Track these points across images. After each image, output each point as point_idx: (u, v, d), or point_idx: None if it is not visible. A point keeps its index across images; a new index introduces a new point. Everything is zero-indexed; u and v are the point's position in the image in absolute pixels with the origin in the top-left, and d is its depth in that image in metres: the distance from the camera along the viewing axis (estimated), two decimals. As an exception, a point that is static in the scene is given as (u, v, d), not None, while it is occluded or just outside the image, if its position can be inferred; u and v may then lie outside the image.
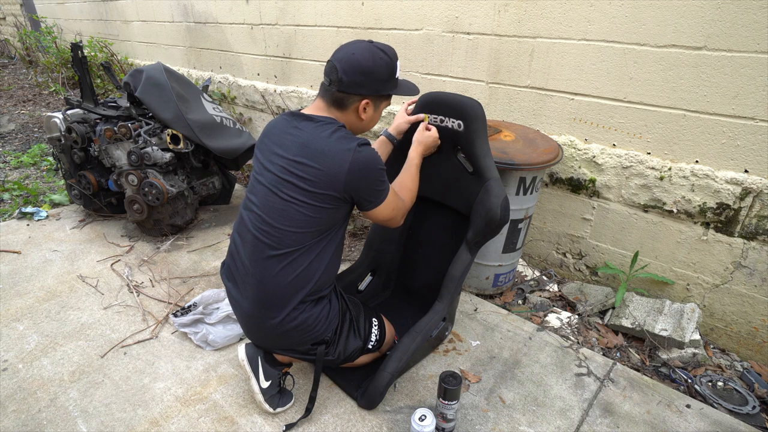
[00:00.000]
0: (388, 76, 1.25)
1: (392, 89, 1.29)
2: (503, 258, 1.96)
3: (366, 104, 1.25)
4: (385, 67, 1.23)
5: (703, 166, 1.69)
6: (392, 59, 1.25)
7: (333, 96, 1.24)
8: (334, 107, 1.25)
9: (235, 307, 1.35)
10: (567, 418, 1.45)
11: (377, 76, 1.22)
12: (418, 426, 1.24)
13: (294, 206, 1.20)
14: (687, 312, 1.78)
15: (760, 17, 1.45)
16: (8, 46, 7.92)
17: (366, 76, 1.21)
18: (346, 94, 1.22)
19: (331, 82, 1.23)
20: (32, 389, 1.52)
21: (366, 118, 1.28)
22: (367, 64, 1.20)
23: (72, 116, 2.45)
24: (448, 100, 1.54)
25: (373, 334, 1.46)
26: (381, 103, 1.30)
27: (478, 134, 1.50)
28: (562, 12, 1.85)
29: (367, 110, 1.27)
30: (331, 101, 1.25)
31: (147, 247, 2.42)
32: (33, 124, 4.55)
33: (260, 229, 1.24)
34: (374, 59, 1.21)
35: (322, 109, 1.27)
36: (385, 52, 1.23)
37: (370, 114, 1.28)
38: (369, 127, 1.34)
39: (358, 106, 1.25)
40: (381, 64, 1.22)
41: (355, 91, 1.22)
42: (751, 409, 1.50)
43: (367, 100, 1.24)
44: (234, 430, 1.38)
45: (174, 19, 4.05)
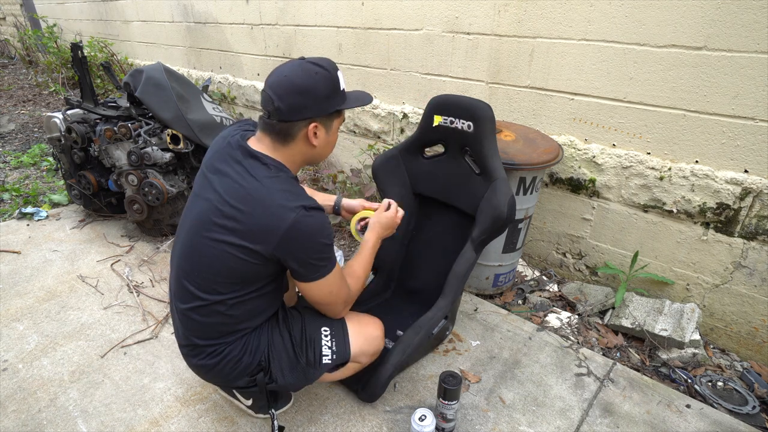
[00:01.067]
0: (331, 90, 1.09)
1: (340, 104, 1.12)
2: (503, 258, 1.96)
3: (315, 128, 1.09)
4: (324, 81, 1.07)
5: (703, 166, 1.69)
6: (330, 71, 1.09)
7: (275, 128, 1.08)
8: (279, 142, 1.10)
9: None
10: (567, 418, 1.45)
11: (317, 93, 1.06)
12: (418, 426, 1.24)
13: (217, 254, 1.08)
14: (687, 312, 1.78)
15: (760, 17, 1.45)
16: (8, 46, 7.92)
17: (304, 96, 1.05)
18: (289, 123, 1.07)
19: (270, 114, 1.07)
20: (32, 389, 1.52)
21: (319, 144, 1.12)
22: (303, 83, 1.05)
23: (72, 116, 2.45)
24: (459, 102, 1.57)
25: (325, 347, 1.25)
26: (332, 122, 1.14)
27: (487, 135, 1.54)
28: (562, 12, 1.85)
29: (318, 134, 1.11)
30: (274, 135, 1.09)
31: (147, 247, 2.42)
32: (33, 124, 4.55)
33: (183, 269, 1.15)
34: (309, 75, 1.05)
35: (268, 147, 1.11)
36: (320, 65, 1.08)
37: (322, 138, 1.12)
38: (326, 152, 1.19)
39: (306, 133, 1.09)
40: (318, 79, 1.06)
41: (298, 116, 1.06)
42: (751, 409, 1.51)
43: (314, 123, 1.08)
44: (234, 430, 1.38)
45: (174, 19, 4.05)
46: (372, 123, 2.76)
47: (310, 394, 1.50)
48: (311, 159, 1.18)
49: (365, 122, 2.80)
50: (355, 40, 2.66)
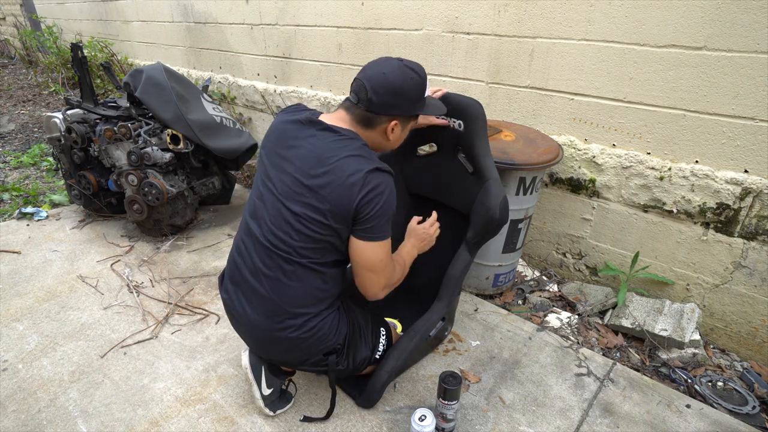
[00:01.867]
0: (418, 95, 1.20)
1: (421, 109, 1.24)
2: (503, 258, 1.96)
3: (395, 125, 1.21)
4: (416, 87, 1.18)
5: (703, 166, 1.69)
6: (423, 78, 1.20)
7: (360, 114, 1.18)
8: (360, 125, 1.20)
9: (240, 320, 1.28)
10: (567, 418, 1.45)
11: (408, 97, 1.18)
12: (418, 426, 1.24)
13: (305, 222, 1.15)
14: (687, 312, 1.78)
15: (760, 17, 1.45)
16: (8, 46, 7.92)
17: (397, 96, 1.16)
18: (374, 114, 1.17)
19: (359, 100, 1.17)
20: (32, 389, 1.52)
21: (393, 138, 1.24)
22: (399, 84, 1.15)
23: (72, 116, 2.45)
24: (449, 100, 1.54)
25: (381, 344, 1.42)
26: (409, 122, 1.26)
27: (478, 134, 1.50)
28: (562, 12, 1.85)
29: (395, 130, 1.22)
30: (358, 119, 1.19)
31: (147, 247, 2.42)
32: (33, 124, 4.55)
33: (271, 242, 1.19)
34: (405, 79, 1.15)
35: (345, 122, 1.20)
36: (415, 71, 1.18)
37: (397, 134, 1.24)
38: (394, 146, 1.31)
39: (386, 127, 1.20)
40: (412, 85, 1.17)
41: (386, 111, 1.17)
42: (751, 409, 1.50)
43: (396, 120, 1.20)
44: (234, 430, 1.38)
45: (174, 19, 4.05)
46: (372, 123, 2.76)
47: (310, 394, 1.50)
48: (380, 148, 1.27)
49: (365, 122, 2.80)
50: (355, 40, 2.66)
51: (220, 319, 1.87)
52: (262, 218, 1.21)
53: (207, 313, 1.90)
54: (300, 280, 1.19)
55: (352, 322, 1.35)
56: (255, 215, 1.24)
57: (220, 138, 2.41)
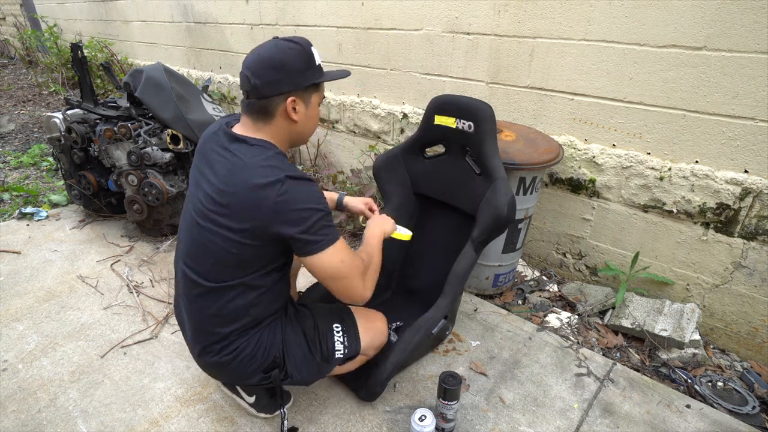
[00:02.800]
0: (306, 64, 1.10)
1: (317, 77, 1.13)
2: (503, 258, 1.96)
3: (293, 102, 1.09)
4: (298, 55, 1.09)
5: (703, 166, 1.69)
6: (304, 46, 1.10)
7: (254, 107, 1.10)
8: (260, 120, 1.11)
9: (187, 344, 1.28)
10: (567, 418, 1.45)
11: (292, 67, 1.07)
12: (418, 426, 1.24)
13: (217, 241, 1.09)
14: (687, 312, 1.78)
15: (760, 17, 1.45)
16: (8, 46, 7.92)
17: (278, 70, 1.06)
18: (267, 99, 1.08)
19: (248, 93, 1.09)
20: (32, 389, 1.52)
21: (299, 119, 1.13)
22: (277, 58, 1.06)
23: (72, 116, 2.45)
24: (459, 103, 1.57)
25: (337, 342, 1.29)
26: (310, 96, 1.14)
27: (487, 135, 1.54)
28: (562, 12, 1.85)
29: (297, 109, 1.11)
30: (255, 114, 1.10)
31: (147, 247, 2.42)
32: (33, 124, 4.55)
33: (187, 264, 1.16)
34: (283, 51, 1.07)
35: (250, 128, 1.12)
36: (294, 41, 1.10)
37: (302, 112, 1.13)
38: (309, 129, 1.19)
39: (285, 108, 1.09)
40: (292, 54, 1.08)
41: (274, 90, 1.07)
42: (751, 409, 1.50)
43: (292, 97, 1.09)
44: (234, 430, 1.38)
45: (174, 19, 4.05)
46: (372, 123, 2.76)
47: (310, 394, 1.50)
48: (295, 136, 1.18)
49: (365, 122, 2.80)
50: (355, 40, 2.66)
51: (220, 319, 1.87)
52: (181, 239, 1.21)
53: (207, 313, 1.90)
54: (215, 302, 1.14)
55: (284, 335, 1.24)
56: (179, 234, 1.24)
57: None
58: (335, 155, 3.12)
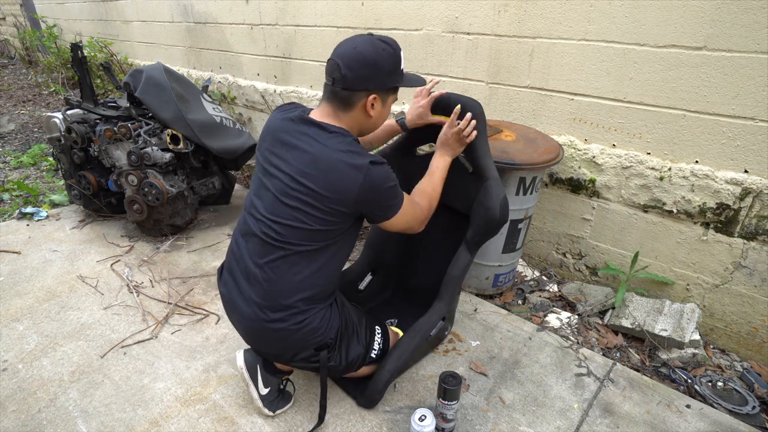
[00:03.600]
0: (394, 67, 1.19)
1: (399, 81, 1.23)
2: (503, 258, 1.96)
3: (374, 99, 1.18)
4: (390, 58, 1.17)
5: (703, 166, 1.69)
6: (396, 50, 1.19)
7: (338, 95, 1.17)
8: (340, 109, 1.19)
9: (235, 312, 1.29)
10: (567, 418, 1.45)
11: (382, 68, 1.16)
12: (418, 426, 1.24)
13: (301, 217, 1.16)
14: (687, 312, 1.78)
15: (760, 17, 1.45)
16: (8, 46, 7.92)
17: (371, 68, 1.14)
18: (351, 92, 1.16)
19: (334, 80, 1.16)
20: (32, 389, 1.52)
21: (374, 115, 1.22)
22: (371, 56, 1.14)
23: (72, 116, 2.45)
24: (448, 100, 1.54)
25: (376, 342, 1.42)
26: (388, 97, 1.24)
27: (478, 133, 1.50)
28: (562, 12, 1.85)
29: (375, 106, 1.20)
30: (337, 102, 1.19)
31: (147, 247, 2.42)
32: (33, 124, 4.55)
33: (267, 234, 1.20)
34: (377, 51, 1.15)
35: (329, 115, 1.21)
36: (387, 43, 1.17)
37: (378, 110, 1.22)
38: (378, 124, 1.29)
39: (365, 103, 1.18)
40: (385, 56, 1.16)
41: (361, 86, 1.15)
42: (750, 409, 1.50)
43: (374, 95, 1.18)
44: (234, 430, 1.38)
45: (174, 19, 4.05)
46: (372, 123, 2.76)
47: (310, 394, 1.50)
48: (365, 129, 1.28)
49: (365, 122, 2.80)
50: (355, 40, 2.66)
51: (220, 319, 1.87)
52: (258, 213, 1.23)
53: (207, 313, 1.90)
54: (293, 271, 1.20)
55: (344, 318, 1.34)
56: (251, 211, 1.26)
57: (220, 138, 2.41)
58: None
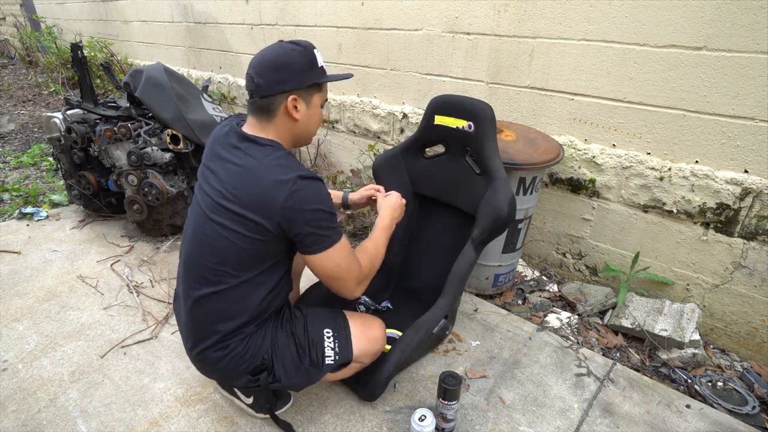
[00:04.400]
0: (308, 65, 1.15)
1: (318, 78, 1.18)
2: (503, 258, 1.96)
3: (294, 101, 1.14)
4: (300, 57, 1.14)
5: (703, 166, 1.69)
6: (307, 48, 1.16)
7: (258, 106, 1.15)
8: (264, 119, 1.16)
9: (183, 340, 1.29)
10: (567, 418, 1.45)
11: (294, 68, 1.13)
12: (418, 426, 1.24)
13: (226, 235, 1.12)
14: (687, 312, 1.78)
15: (760, 17, 1.45)
16: (8, 46, 7.92)
17: (280, 71, 1.12)
18: (269, 98, 1.13)
19: (252, 93, 1.15)
20: (32, 389, 1.52)
21: (300, 117, 1.17)
22: (280, 59, 1.12)
23: (72, 116, 2.45)
24: (460, 102, 1.58)
25: (328, 348, 1.28)
26: (312, 96, 1.18)
27: (487, 135, 1.54)
28: (562, 12, 1.85)
29: (298, 107, 1.16)
30: (259, 113, 1.16)
31: (147, 248, 2.42)
32: (33, 124, 4.55)
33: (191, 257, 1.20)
34: (286, 52, 1.13)
35: (256, 127, 1.17)
36: (296, 43, 1.16)
37: (303, 111, 1.17)
38: (310, 127, 1.23)
39: (286, 106, 1.14)
40: (295, 55, 1.14)
41: (277, 89, 1.12)
42: (750, 409, 1.51)
43: (292, 95, 1.14)
44: (234, 430, 1.38)
45: (174, 20, 4.05)
46: (372, 123, 2.76)
47: (310, 394, 1.50)
48: (298, 135, 1.22)
49: (365, 122, 2.80)
50: (355, 40, 2.66)
51: (220, 319, 1.87)
52: (187, 235, 1.22)
53: (207, 313, 1.90)
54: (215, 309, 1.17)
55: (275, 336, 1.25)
56: (186, 226, 1.25)
57: (220, 138, 2.40)
58: (335, 155, 3.12)
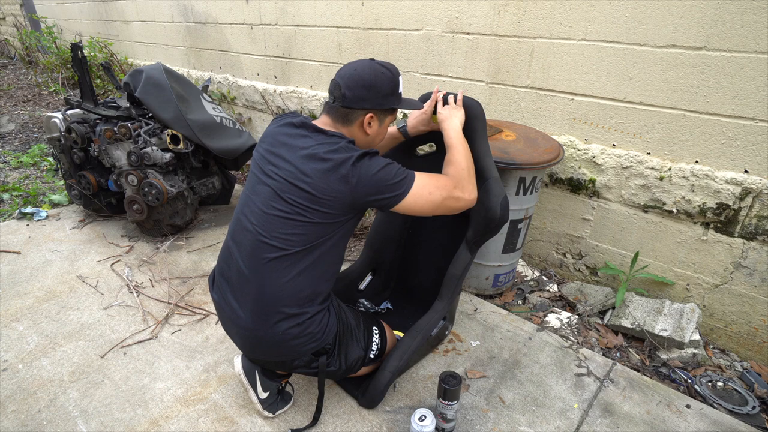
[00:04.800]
0: (391, 90, 1.27)
1: (396, 103, 1.31)
2: (503, 258, 1.96)
3: (370, 118, 1.27)
4: (387, 82, 1.26)
5: (703, 166, 1.69)
6: (394, 74, 1.28)
7: (338, 112, 1.26)
8: (339, 123, 1.27)
9: (230, 320, 1.28)
10: (567, 418, 1.45)
11: (379, 90, 1.25)
12: (418, 426, 1.24)
13: (298, 213, 1.18)
14: (687, 312, 1.78)
15: (760, 17, 1.45)
16: (8, 46, 7.92)
17: (368, 90, 1.23)
18: (350, 109, 1.25)
19: (335, 99, 1.25)
20: (32, 389, 1.52)
21: (371, 133, 1.30)
22: (370, 79, 1.23)
23: (72, 116, 2.45)
24: (449, 101, 1.54)
25: (374, 343, 1.43)
26: (386, 117, 1.32)
27: (477, 133, 1.50)
28: (561, 12, 1.85)
29: (372, 125, 1.28)
30: (337, 117, 1.27)
31: (147, 247, 2.42)
32: (33, 124, 4.55)
33: (261, 233, 1.20)
34: (376, 74, 1.24)
35: (329, 125, 1.28)
36: (386, 67, 1.27)
37: (375, 128, 1.30)
38: (376, 142, 1.36)
39: (362, 121, 1.26)
40: (383, 79, 1.25)
41: (359, 105, 1.24)
42: (750, 409, 1.51)
43: (371, 113, 1.26)
44: (234, 430, 1.38)
45: (174, 20, 4.05)
46: (372, 123, 2.76)
47: (310, 394, 1.50)
48: (362, 144, 1.31)
49: (365, 122, 2.80)
50: (355, 40, 2.66)
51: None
52: (254, 212, 1.23)
53: (207, 313, 1.90)
54: (289, 276, 1.20)
55: (342, 321, 1.35)
56: (245, 210, 1.26)
57: (220, 138, 2.41)
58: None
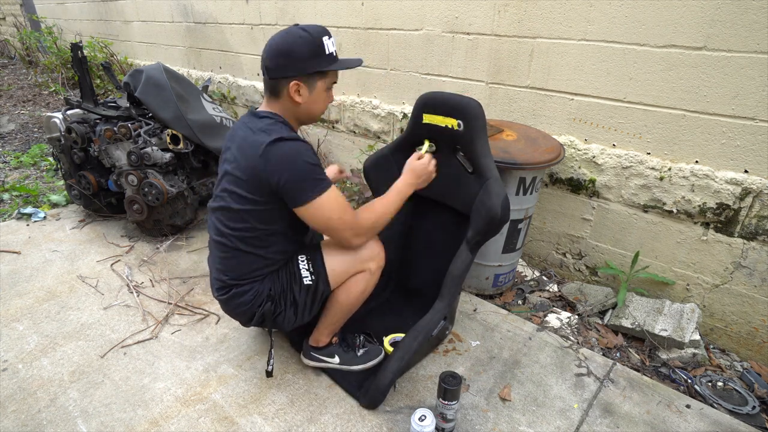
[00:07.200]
0: (312, 53, 1.21)
1: (323, 66, 1.24)
2: (503, 258, 1.96)
3: (296, 86, 1.22)
4: (306, 45, 1.20)
5: (703, 166, 1.69)
6: (314, 35, 1.21)
7: (267, 86, 1.27)
8: (273, 98, 1.28)
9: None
10: (567, 418, 1.45)
11: (295, 55, 1.20)
12: (418, 426, 1.24)
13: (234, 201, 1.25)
14: (687, 312, 1.78)
15: (760, 17, 1.45)
16: (8, 46, 7.91)
17: (286, 57, 1.20)
18: (275, 80, 1.24)
19: (262, 73, 1.26)
20: (32, 389, 1.52)
21: (303, 101, 1.25)
22: (286, 46, 1.20)
23: (72, 116, 2.45)
24: (448, 100, 1.54)
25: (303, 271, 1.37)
26: (316, 82, 1.26)
27: (477, 134, 1.50)
28: (561, 12, 1.85)
29: (301, 92, 1.24)
30: (269, 92, 1.28)
31: (147, 247, 2.42)
32: (33, 124, 4.55)
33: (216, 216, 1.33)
34: (294, 39, 1.20)
35: (267, 105, 1.30)
36: (306, 30, 1.21)
37: (305, 96, 1.25)
38: (313, 111, 1.31)
39: (289, 90, 1.23)
40: (300, 43, 1.20)
41: (281, 74, 1.22)
42: (750, 409, 1.51)
43: (295, 81, 1.22)
44: (234, 430, 1.38)
45: (174, 20, 4.05)
46: (372, 123, 2.76)
47: (310, 394, 1.50)
48: (300, 115, 1.31)
49: (365, 122, 2.80)
50: (355, 40, 2.66)
51: (220, 319, 1.87)
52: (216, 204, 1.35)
53: (207, 313, 1.90)
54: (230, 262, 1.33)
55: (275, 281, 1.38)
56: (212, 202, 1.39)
57: (220, 138, 2.41)
58: (335, 155, 3.12)
